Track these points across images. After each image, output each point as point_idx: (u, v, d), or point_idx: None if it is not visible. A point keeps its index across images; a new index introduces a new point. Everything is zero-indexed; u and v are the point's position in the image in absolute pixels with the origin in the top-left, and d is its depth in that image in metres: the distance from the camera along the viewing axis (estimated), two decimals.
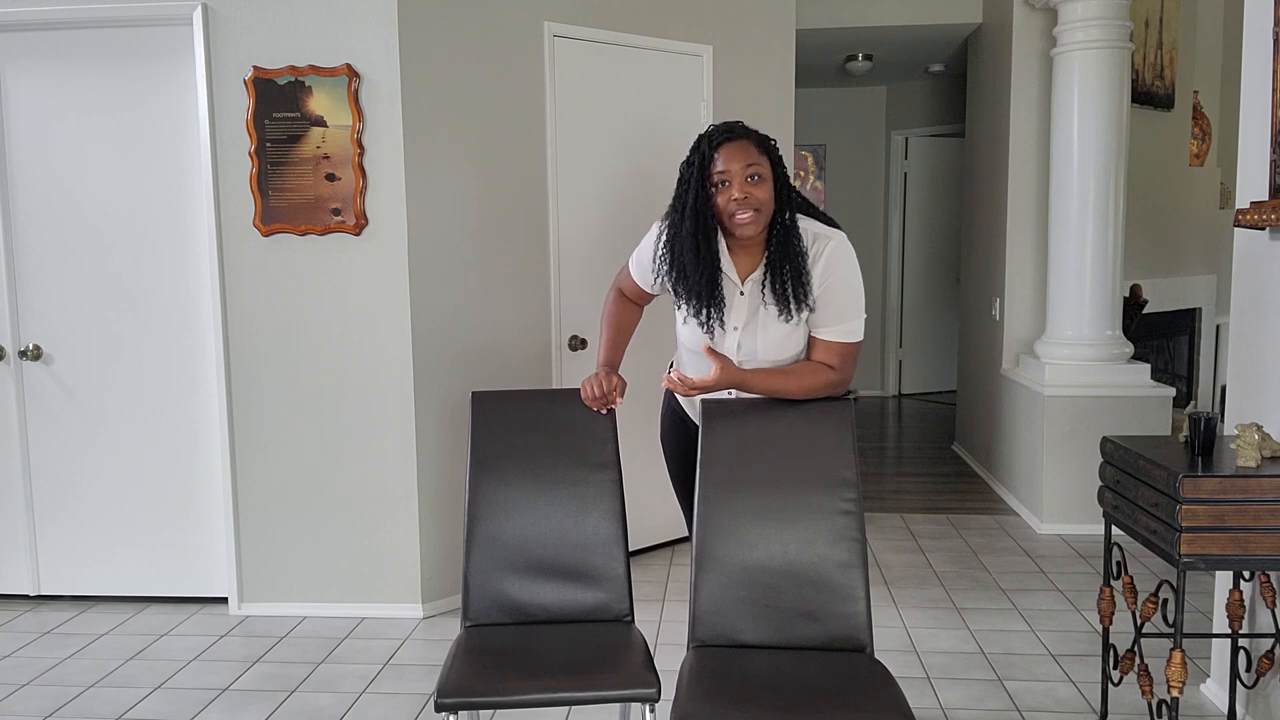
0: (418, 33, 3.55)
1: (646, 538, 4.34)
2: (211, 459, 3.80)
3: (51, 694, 3.16)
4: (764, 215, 2.27)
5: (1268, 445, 2.38)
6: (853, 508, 2.23)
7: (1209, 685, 3.02)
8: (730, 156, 2.25)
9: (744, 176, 2.24)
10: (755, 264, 2.35)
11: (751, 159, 2.26)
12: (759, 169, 2.26)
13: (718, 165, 2.26)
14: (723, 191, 2.26)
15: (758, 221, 2.26)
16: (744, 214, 2.24)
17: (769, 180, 2.27)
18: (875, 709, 1.92)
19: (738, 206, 2.24)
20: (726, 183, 2.25)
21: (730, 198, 2.24)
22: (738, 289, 2.36)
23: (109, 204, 3.73)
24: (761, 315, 2.33)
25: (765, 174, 2.27)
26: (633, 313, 2.66)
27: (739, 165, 2.24)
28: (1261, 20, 2.69)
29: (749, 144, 2.28)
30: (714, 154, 2.27)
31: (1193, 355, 6.51)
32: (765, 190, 2.26)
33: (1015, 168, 5.24)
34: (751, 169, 2.25)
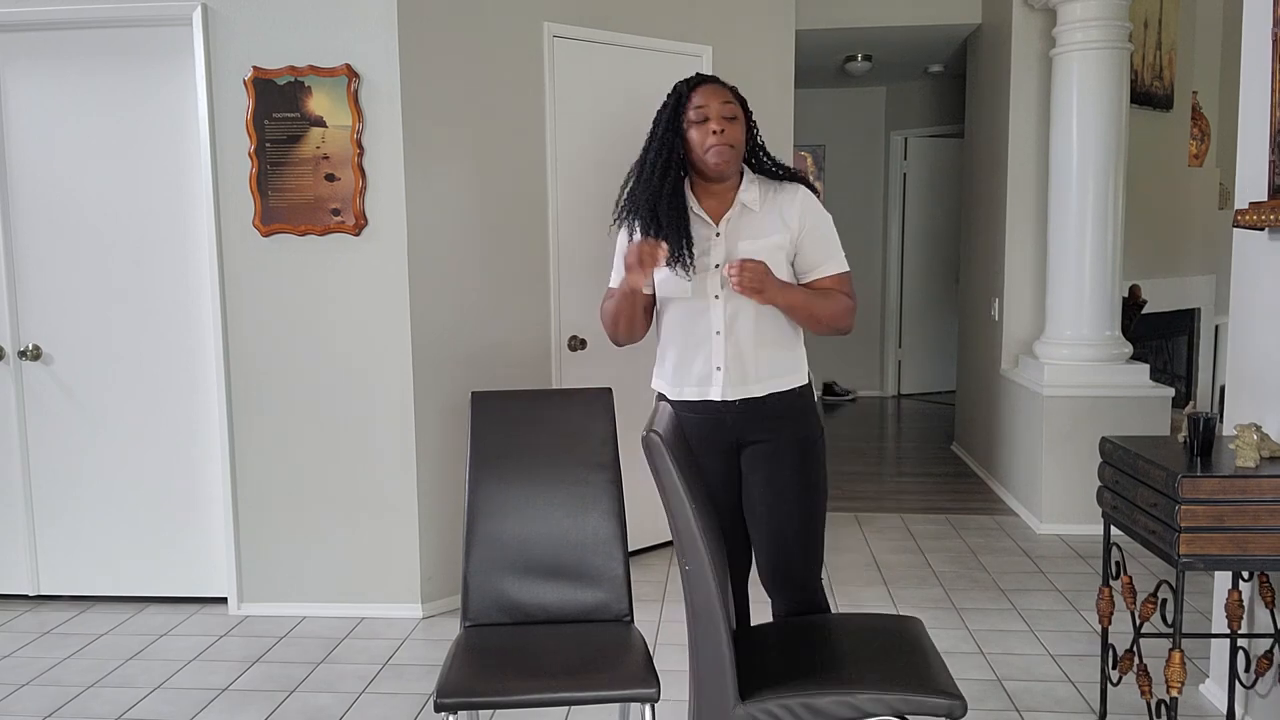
0: (417, 33, 3.55)
1: (646, 538, 4.35)
2: (211, 459, 3.80)
3: (51, 694, 3.16)
4: (737, 153, 2.38)
5: (1266, 445, 2.38)
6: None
7: (1208, 685, 3.03)
8: (709, 95, 2.37)
9: (721, 114, 2.35)
10: (725, 206, 2.43)
11: (728, 99, 2.38)
12: (734, 110, 2.37)
13: (695, 100, 2.37)
14: (700, 126, 2.35)
15: (733, 159, 2.37)
16: (720, 148, 2.33)
17: (742, 124, 2.40)
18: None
19: (716, 140, 2.33)
20: (705, 118, 2.35)
21: (709, 130, 2.34)
22: (713, 230, 2.42)
23: (109, 204, 3.73)
24: (741, 245, 2.39)
25: (739, 116, 2.38)
26: None
27: (716, 102, 2.36)
28: (1261, 20, 2.69)
29: (724, 88, 2.41)
30: (691, 93, 2.39)
31: (1192, 355, 6.52)
32: (739, 130, 2.38)
33: (1014, 168, 5.24)
34: (728, 108, 2.36)
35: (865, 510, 5.11)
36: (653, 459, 1.96)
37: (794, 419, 2.45)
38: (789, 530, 2.41)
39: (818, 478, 2.46)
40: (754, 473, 2.45)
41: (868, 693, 1.93)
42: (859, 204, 8.46)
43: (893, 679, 1.97)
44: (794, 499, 2.41)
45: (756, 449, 2.44)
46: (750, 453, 2.46)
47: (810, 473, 2.44)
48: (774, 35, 4.58)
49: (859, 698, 1.92)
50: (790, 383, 2.46)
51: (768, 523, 2.43)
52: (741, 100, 2.43)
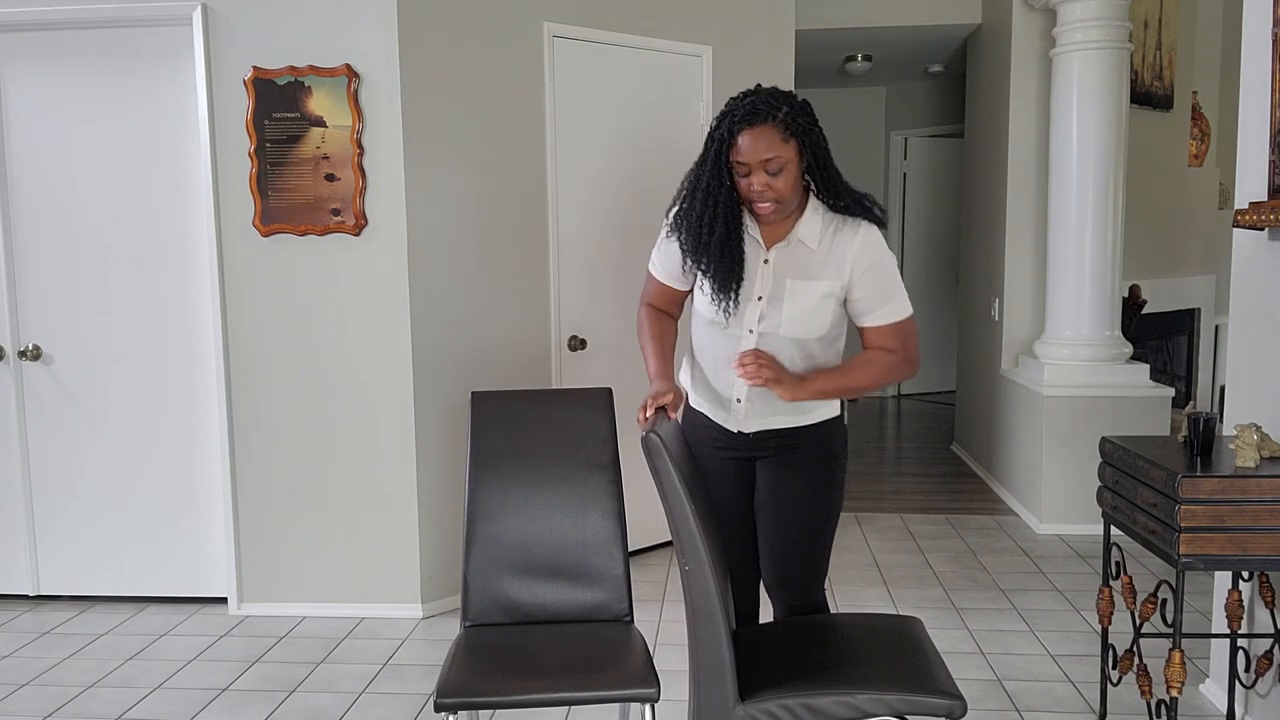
0: (417, 33, 3.55)
1: (646, 538, 4.35)
2: (211, 459, 3.80)
3: (51, 694, 3.16)
4: (785, 204, 2.22)
5: (1266, 445, 2.38)
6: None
7: (1208, 685, 3.03)
8: (750, 146, 2.16)
9: (762, 169, 2.17)
10: (784, 233, 2.28)
11: (772, 149, 2.15)
12: (780, 161, 2.16)
13: (739, 153, 2.18)
14: (742, 178, 2.21)
15: (779, 210, 2.23)
16: (764, 204, 2.21)
17: (793, 167, 2.18)
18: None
19: (758, 197, 2.20)
20: (746, 173, 2.19)
21: (749, 188, 2.20)
22: (762, 255, 2.27)
23: (109, 204, 3.73)
24: (790, 284, 2.25)
25: (788, 161, 2.17)
26: (668, 324, 2.49)
27: (757, 159, 2.16)
28: (1261, 20, 2.69)
29: (772, 130, 2.16)
30: (735, 136, 2.18)
31: (1191, 355, 6.52)
32: (786, 180, 2.18)
33: (1014, 168, 5.24)
34: (771, 161, 2.16)
35: (865, 510, 5.11)
36: (652, 459, 1.96)
37: (816, 439, 2.38)
38: (797, 535, 2.38)
39: (832, 487, 2.40)
40: (769, 477, 2.40)
41: (868, 693, 1.93)
42: None
43: (893, 679, 1.97)
44: (805, 504, 2.36)
45: (774, 459, 2.39)
46: (767, 461, 2.41)
47: (825, 481, 2.38)
48: (774, 35, 4.57)
49: (859, 698, 1.92)
50: (819, 417, 2.37)
51: (774, 525, 2.40)
52: (800, 130, 2.18)
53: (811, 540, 2.40)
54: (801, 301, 2.25)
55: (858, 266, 2.24)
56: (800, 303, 2.25)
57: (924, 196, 8.45)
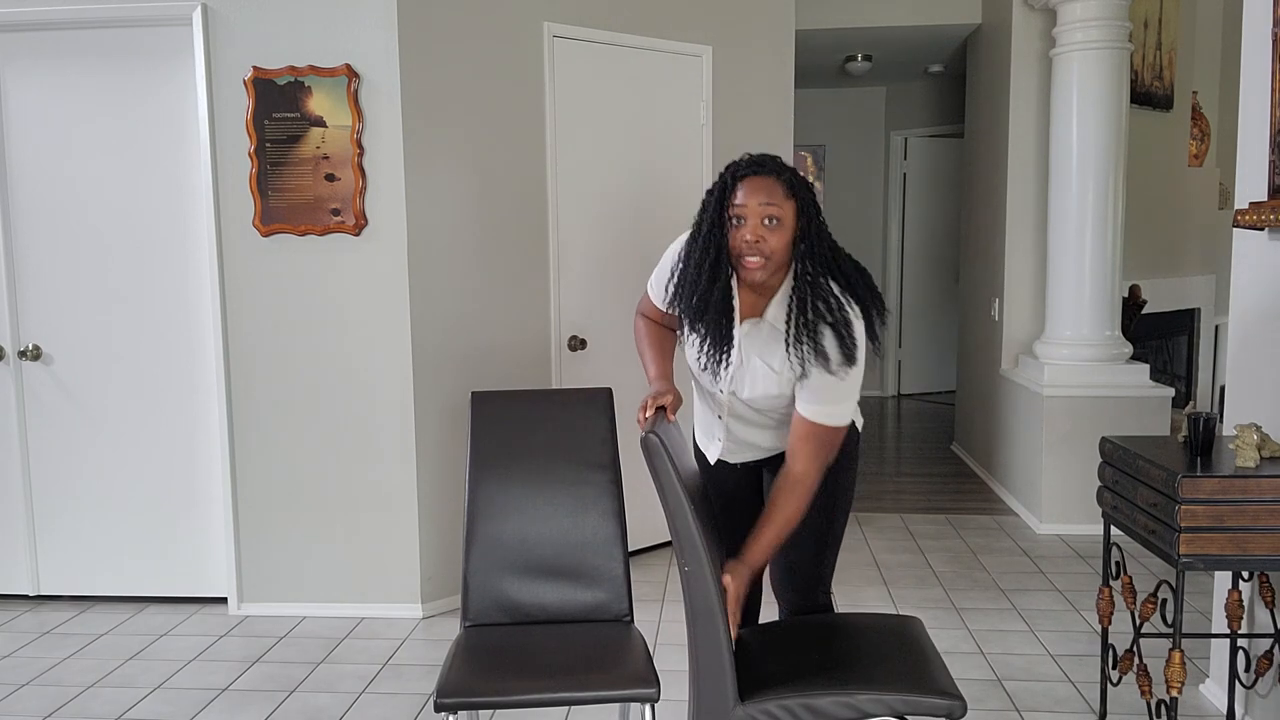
0: (417, 33, 3.55)
1: (646, 538, 4.35)
2: (211, 459, 3.80)
3: (51, 694, 3.16)
4: (773, 264, 2.09)
5: (1266, 446, 2.38)
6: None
7: (1208, 685, 3.03)
8: (750, 193, 2.08)
9: (760, 217, 2.07)
10: (759, 308, 2.19)
11: (773, 200, 2.07)
12: (778, 213, 2.07)
13: (736, 199, 2.09)
14: (736, 229, 2.09)
15: (764, 269, 2.09)
16: (752, 258, 2.07)
17: (788, 228, 2.09)
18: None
19: (747, 248, 2.07)
20: (741, 220, 2.08)
21: (742, 238, 2.07)
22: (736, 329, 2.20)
23: (109, 204, 3.73)
24: (754, 365, 2.20)
25: (785, 220, 2.08)
26: (666, 332, 2.45)
27: (756, 203, 2.07)
28: (1261, 20, 2.69)
29: (775, 183, 2.09)
30: (735, 185, 2.10)
31: (1191, 355, 6.52)
32: (780, 238, 2.08)
33: (1014, 168, 5.24)
34: (770, 210, 2.07)
35: (865, 510, 5.10)
36: (652, 460, 1.96)
37: None
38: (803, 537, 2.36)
39: (839, 487, 2.38)
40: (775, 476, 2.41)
41: (868, 693, 1.93)
42: (859, 204, 8.46)
43: (893, 679, 1.97)
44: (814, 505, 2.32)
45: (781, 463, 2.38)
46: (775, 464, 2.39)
47: (833, 484, 2.35)
48: (774, 35, 4.57)
49: (859, 698, 1.92)
50: None
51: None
52: (799, 193, 2.10)
53: (818, 542, 2.39)
54: (762, 384, 2.21)
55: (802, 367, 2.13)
56: (760, 385, 2.22)
57: (924, 196, 8.45)
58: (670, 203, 4.21)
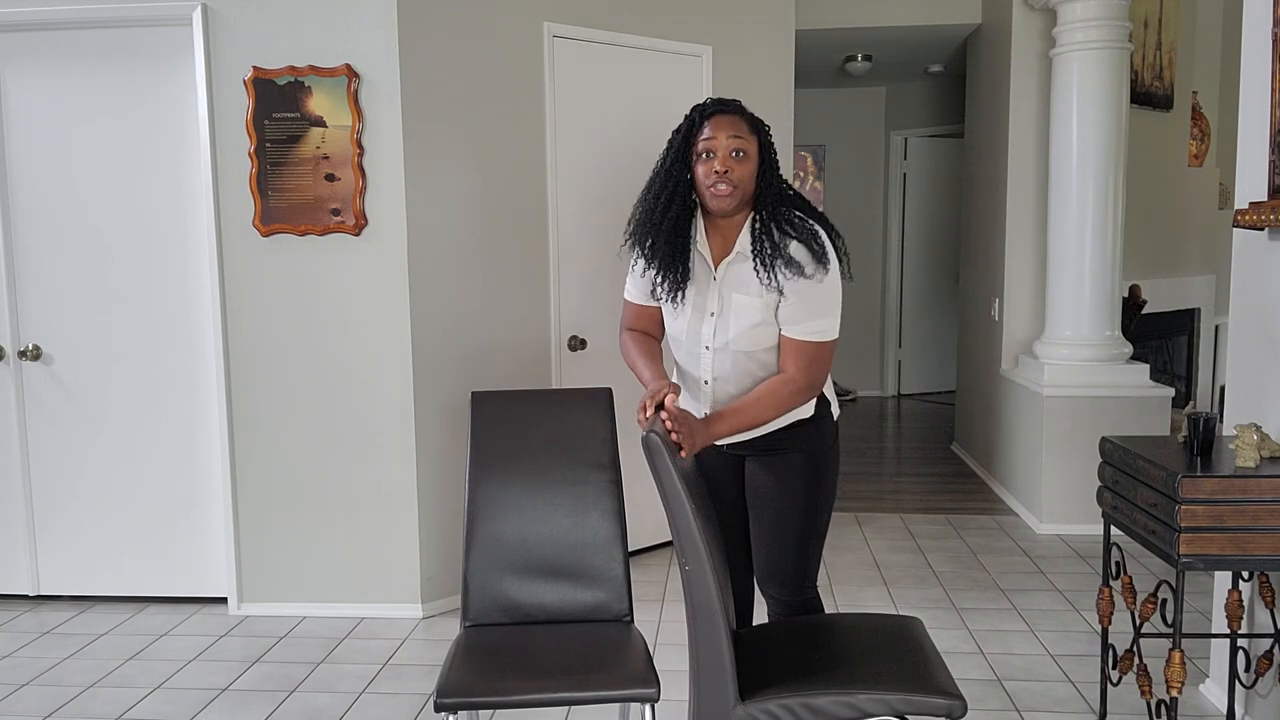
0: (417, 33, 3.55)
1: (646, 538, 4.35)
2: (211, 459, 3.80)
3: (51, 694, 3.16)
4: (741, 192, 2.24)
5: (1266, 445, 2.38)
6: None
7: (1208, 685, 3.03)
8: (718, 127, 2.24)
9: (728, 150, 2.22)
10: (729, 248, 2.30)
11: (739, 133, 2.24)
12: (745, 146, 2.24)
13: (704, 133, 2.24)
14: (705, 162, 2.24)
15: (734, 197, 2.23)
16: (722, 186, 2.21)
17: (753, 160, 2.25)
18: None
19: (717, 178, 2.21)
20: (710, 154, 2.23)
21: (712, 169, 2.22)
22: (711, 274, 2.31)
23: (109, 204, 3.73)
24: (735, 301, 2.28)
25: (750, 152, 2.25)
26: (651, 341, 2.49)
27: (725, 137, 2.22)
28: (1261, 20, 2.69)
29: (740, 120, 2.26)
30: (703, 123, 2.26)
31: (1191, 355, 6.52)
32: (747, 168, 2.24)
33: (1014, 168, 5.24)
34: (737, 143, 2.23)
35: (865, 510, 5.11)
36: (653, 459, 1.96)
37: (801, 436, 2.39)
38: (785, 528, 2.40)
39: (821, 482, 2.41)
40: (757, 470, 2.43)
41: (868, 693, 1.93)
42: (859, 204, 8.45)
43: (893, 679, 1.97)
44: (795, 497, 2.38)
45: (762, 455, 2.42)
46: (755, 457, 2.43)
47: (814, 476, 2.40)
48: (774, 35, 4.58)
49: (859, 698, 1.92)
50: (791, 419, 2.36)
51: (765, 519, 2.42)
52: (760, 130, 2.29)
53: (800, 534, 2.41)
54: (745, 317, 2.27)
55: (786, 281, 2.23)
56: (744, 318, 2.28)
57: (924, 196, 8.45)
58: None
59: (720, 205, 2.24)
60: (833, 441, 2.45)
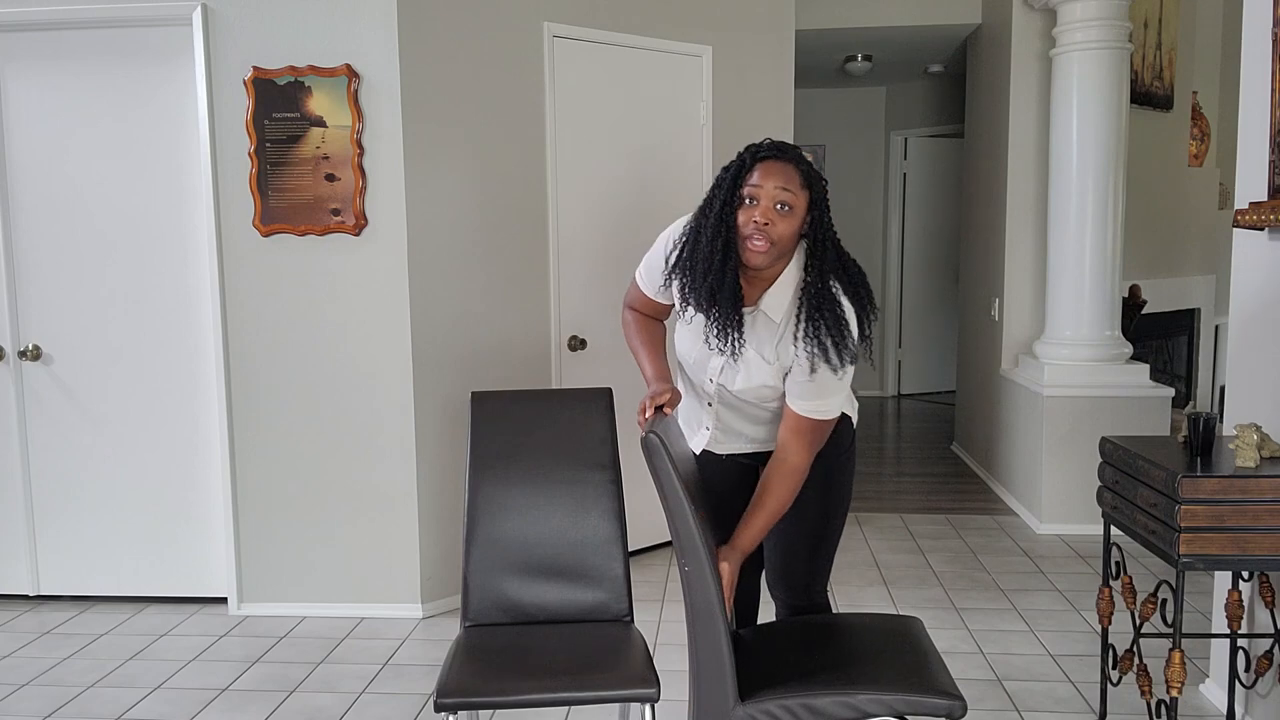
0: (418, 33, 3.55)
1: (646, 538, 4.35)
2: (211, 459, 3.80)
3: (51, 694, 3.16)
4: (777, 250, 2.09)
5: (1266, 446, 2.38)
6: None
7: (1208, 685, 3.03)
8: (767, 175, 2.08)
9: (774, 201, 2.07)
10: (754, 297, 2.19)
11: (789, 186, 2.07)
12: (792, 200, 2.07)
13: (752, 179, 2.09)
14: (746, 209, 2.09)
15: (769, 255, 2.08)
16: (758, 240, 2.06)
17: (798, 218, 2.09)
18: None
19: (755, 230, 2.06)
20: (754, 200, 2.08)
21: (752, 218, 2.07)
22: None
23: (109, 204, 3.73)
24: (748, 356, 2.19)
25: (797, 209, 2.09)
26: (655, 325, 2.46)
27: (772, 186, 2.07)
28: (1261, 20, 2.69)
29: (794, 171, 2.09)
30: (754, 166, 2.11)
31: (1192, 355, 6.52)
32: (789, 226, 2.08)
33: (1014, 168, 5.24)
34: (785, 195, 2.07)
35: (865, 510, 5.11)
36: (652, 460, 1.96)
37: None
38: (797, 533, 2.37)
39: (835, 485, 2.39)
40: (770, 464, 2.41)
41: (868, 693, 1.93)
42: (859, 204, 8.46)
43: (893, 679, 1.97)
44: (809, 503, 2.33)
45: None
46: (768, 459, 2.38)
47: (828, 480, 2.36)
48: (774, 35, 4.58)
49: (859, 698, 1.92)
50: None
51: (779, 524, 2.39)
52: (814, 185, 2.11)
53: (814, 538, 2.39)
54: (755, 376, 2.21)
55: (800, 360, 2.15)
56: (754, 377, 2.22)
57: (924, 196, 8.46)
58: (670, 202, 4.20)
59: (753, 260, 2.09)
60: (848, 446, 2.41)
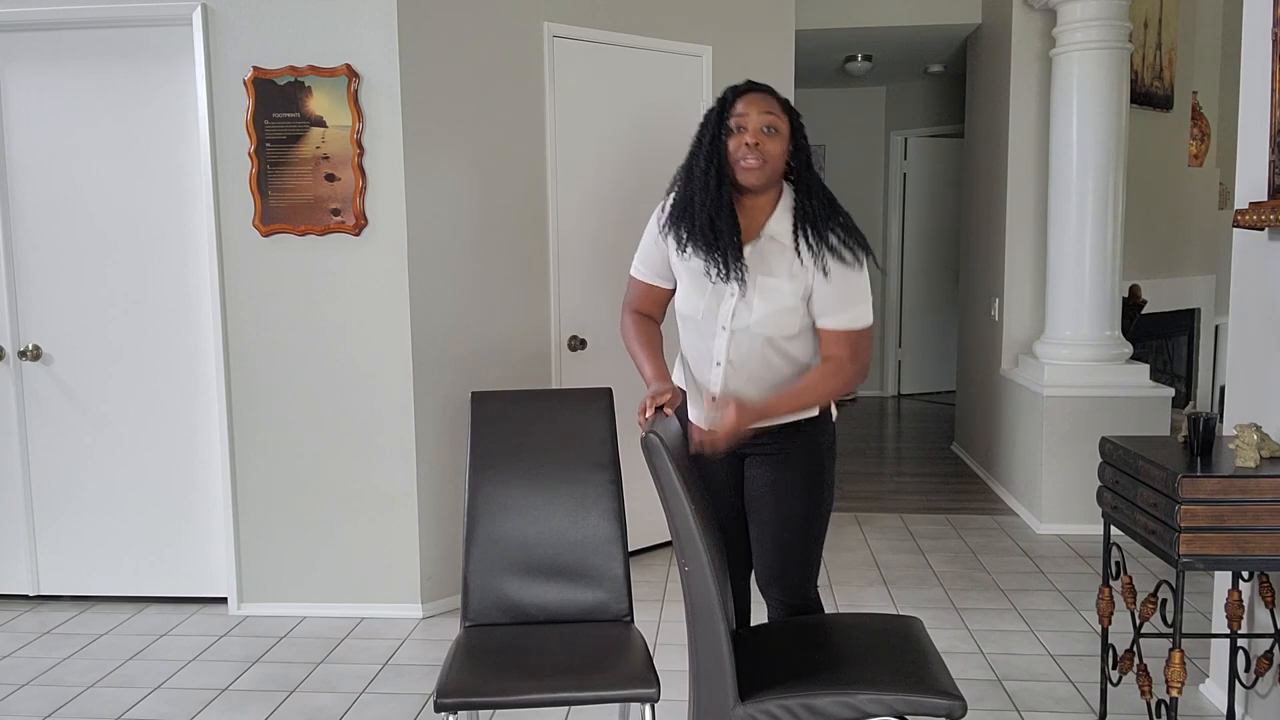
0: (418, 33, 3.55)
1: (646, 538, 4.35)
2: (211, 459, 3.80)
3: (51, 694, 3.16)
4: (770, 168, 2.24)
5: (1266, 446, 2.38)
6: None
7: (1208, 685, 3.03)
8: (750, 104, 2.26)
9: (760, 125, 2.23)
10: (755, 229, 2.29)
11: (771, 110, 2.26)
12: (777, 123, 2.25)
13: (737, 109, 2.26)
14: (736, 135, 2.24)
15: (762, 171, 2.23)
16: (751, 159, 2.22)
17: (784, 139, 2.26)
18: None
19: (747, 150, 2.22)
20: (742, 128, 2.24)
21: (743, 141, 2.23)
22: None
23: (109, 204, 3.73)
24: (762, 284, 2.26)
25: (782, 130, 2.26)
26: (652, 327, 2.49)
27: (756, 112, 2.24)
28: (1261, 20, 2.70)
29: (773, 99, 2.29)
30: (735, 100, 2.28)
31: (1192, 355, 6.52)
32: (777, 145, 2.25)
33: (1014, 168, 5.24)
34: (769, 119, 2.24)
35: (865, 510, 5.11)
36: (652, 460, 1.96)
37: (807, 434, 2.39)
38: (788, 531, 2.39)
39: (822, 484, 2.41)
40: (757, 474, 2.42)
41: (868, 693, 1.93)
42: (859, 204, 8.45)
43: (893, 679, 1.97)
44: (796, 501, 2.38)
45: (761, 457, 2.41)
46: (755, 459, 2.42)
47: (814, 478, 2.39)
48: (774, 35, 4.58)
49: (859, 698, 1.92)
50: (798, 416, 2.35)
51: (766, 524, 2.41)
52: (792, 114, 2.30)
53: (803, 536, 2.40)
54: (774, 300, 2.26)
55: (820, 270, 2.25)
56: (770, 302, 2.26)
57: (924, 196, 8.46)
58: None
59: (749, 179, 2.24)
60: (831, 442, 2.45)
